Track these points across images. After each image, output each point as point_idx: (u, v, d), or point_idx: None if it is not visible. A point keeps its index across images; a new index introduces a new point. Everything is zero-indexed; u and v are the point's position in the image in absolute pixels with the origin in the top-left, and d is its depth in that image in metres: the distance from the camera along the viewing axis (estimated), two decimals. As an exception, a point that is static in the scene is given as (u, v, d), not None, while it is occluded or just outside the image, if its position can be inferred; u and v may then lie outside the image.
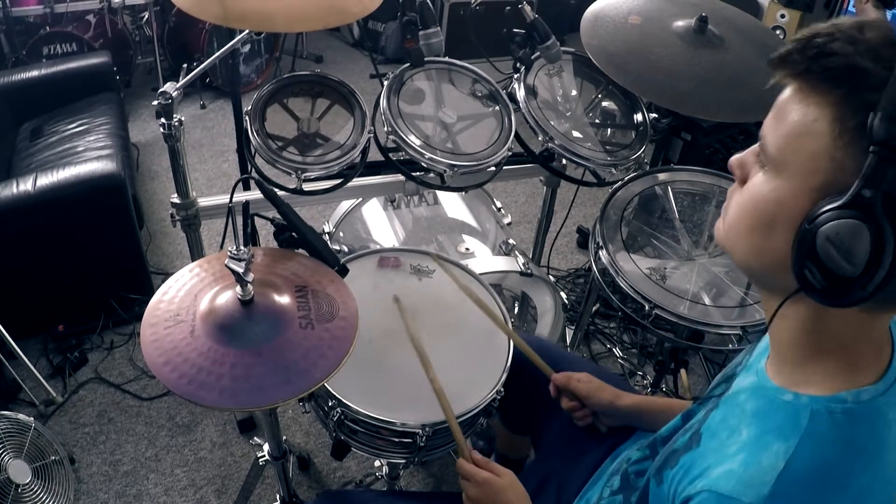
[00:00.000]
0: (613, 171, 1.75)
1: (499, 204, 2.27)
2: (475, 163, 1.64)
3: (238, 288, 1.18)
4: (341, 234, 2.12)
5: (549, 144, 1.71)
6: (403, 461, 1.47)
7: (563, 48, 1.79)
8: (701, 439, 0.81)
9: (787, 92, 0.71)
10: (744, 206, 0.76)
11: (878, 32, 0.65)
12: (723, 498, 0.71)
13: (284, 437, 1.72)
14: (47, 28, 3.52)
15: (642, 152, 1.80)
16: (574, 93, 1.87)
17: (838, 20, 0.68)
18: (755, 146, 0.77)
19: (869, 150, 0.62)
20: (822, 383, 0.73)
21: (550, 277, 2.35)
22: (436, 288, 1.65)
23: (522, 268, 1.87)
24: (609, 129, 1.87)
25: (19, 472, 1.78)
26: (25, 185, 2.22)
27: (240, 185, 1.35)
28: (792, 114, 0.69)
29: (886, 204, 0.62)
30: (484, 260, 1.92)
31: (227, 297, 1.21)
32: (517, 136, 1.75)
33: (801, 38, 0.69)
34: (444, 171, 1.61)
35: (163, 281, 1.27)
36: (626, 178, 1.83)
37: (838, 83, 0.65)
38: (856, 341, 0.74)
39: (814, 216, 0.66)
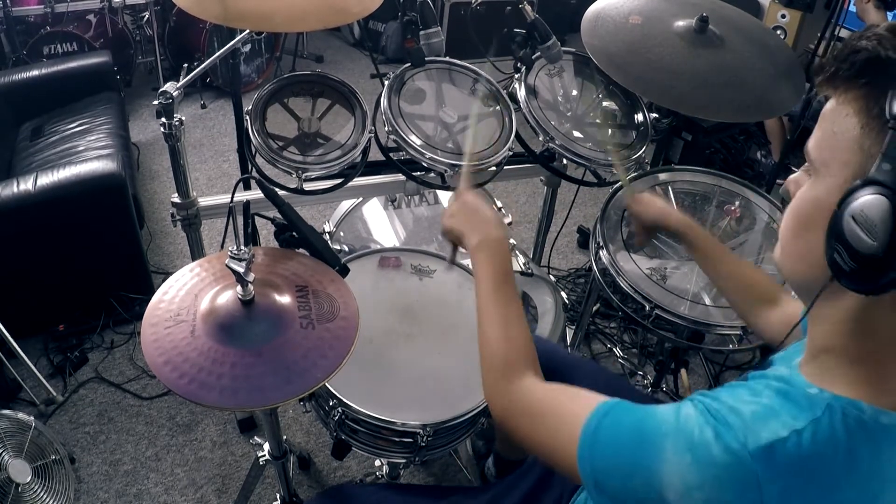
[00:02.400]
0: (614, 171, 1.75)
1: (499, 204, 2.27)
2: (476, 162, 1.64)
3: (239, 288, 1.18)
4: (342, 234, 2.12)
5: (550, 144, 1.71)
6: (404, 461, 1.47)
7: (563, 48, 1.79)
8: (720, 389, 0.81)
9: (828, 103, 0.73)
10: (788, 214, 0.78)
11: None
12: (721, 422, 0.72)
13: (285, 437, 1.72)
14: (48, 28, 3.52)
15: (643, 152, 1.80)
16: (575, 93, 1.87)
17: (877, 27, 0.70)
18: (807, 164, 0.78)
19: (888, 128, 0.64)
20: (846, 386, 0.73)
21: (551, 277, 2.35)
22: (436, 288, 1.65)
23: (523, 267, 1.87)
24: (610, 129, 1.87)
25: (19, 471, 1.78)
26: (26, 185, 2.22)
27: (240, 184, 1.36)
28: (828, 116, 0.72)
29: None
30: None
31: (227, 296, 1.21)
32: (518, 135, 1.75)
33: (840, 48, 0.72)
34: (445, 170, 1.61)
35: (163, 280, 1.27)
36: (628, 178, 1.83)
37: (862, 75, 0.67)
38: (891, 355, 0.72)
39: (841, 200, 0.67)
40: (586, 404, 0.84)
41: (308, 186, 1.63)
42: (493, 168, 1.69)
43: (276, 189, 1.46)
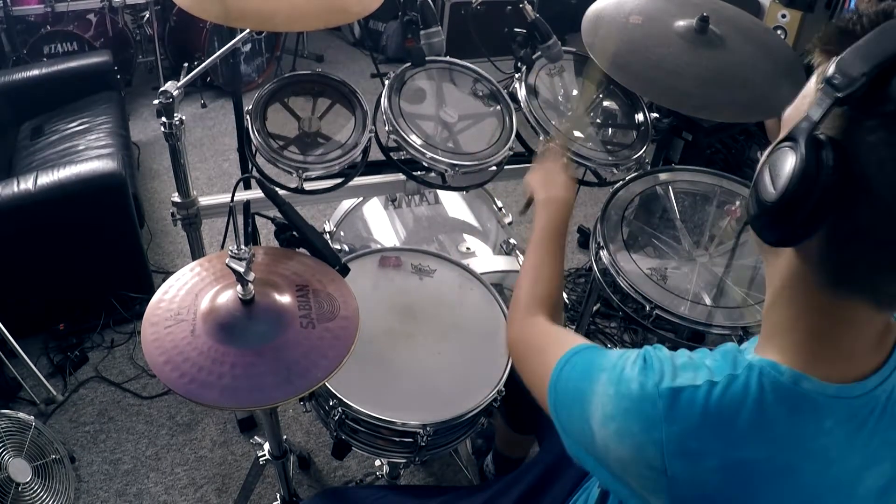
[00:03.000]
0: (614, 170, 1.75)
1: (500, 203, 2.27)
2: (476, 162, 1.64)
3: (239, 287, 1.18)
4: (342, 234, 2.12)
5: (551, 144, 1.71)
6: (404, 461, 1.47)
7: (564, 48, 1.79)
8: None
9: None
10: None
11: (889, 5, 0.67)
12: (650, 361, 0.77)
13: (285, 437, 1.72)
14: (48, 27, 3.51)
15: (643, 152, 1.80)
16: (575, 92, 1.87)
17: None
18: None
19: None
20: (775, 351, 0.75)
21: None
22: (437, 287, 1.65)
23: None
24: (610, 129, 1.87)
25: (20, 470, 1.78)
26: (26, 184, 2.22)
27: (241, 184, 1.36)
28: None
29: (816, 138, 0.64)
30: (485, 259, 1.92)
31: (227, 296, 1.21)
32: (518, 135, 1.74)
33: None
34: (445, 170, 1.61)
35: (163, 280, 1.27)
36: (628, 178, 1.83)
37: (830, 44, 0.69)
38: (822, 329, 0.72)
39: (769, 153, 0.70)
40: (569, 343, 0.91)
41: (308, 186, 1.63)
42: (494, 168, 1.69)
43: (277, 188, 1.46)
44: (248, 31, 1.63)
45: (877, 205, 0.62)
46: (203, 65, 1.61)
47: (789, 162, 0.65)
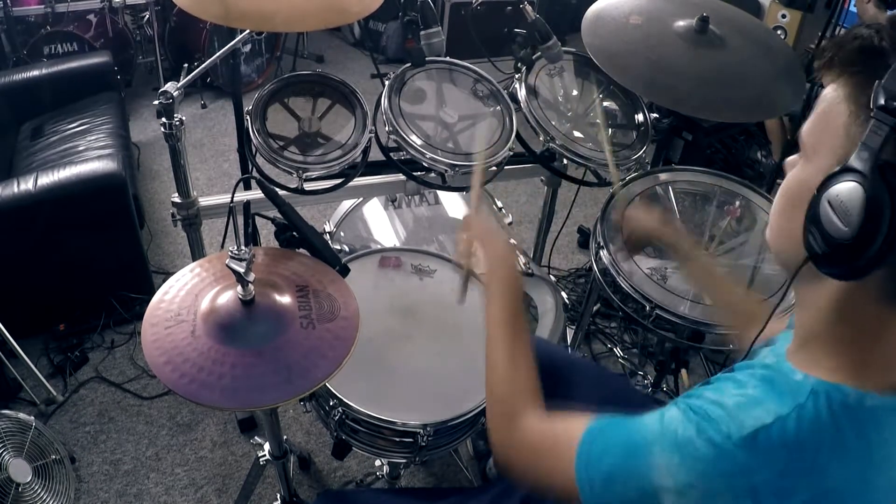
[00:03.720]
0: (610, 178, 1.75)
1: (500, 204, 2.27)
2: (476, 162, 1.64)
3: (239, 288, 1.18)
4: (342, 234, 2.12)
5: (550, 144, 1.71)
6: (404, 461, 1.47)
7: (564, 48, 1.79)
8: (708, 383, 0.82)
9: (825, 89, 0.74)
10: (779, 193, 0.79)
11: None
12: (705, 417, 0.73)
13: (285, 437, 1.72)
14: (48, 28, 3.51)
15: (643, 152, 1.80)
16: (575, 93, 1.87)
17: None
18: None
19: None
20: (831, 371, 0.74)
21: (551, 277, 2.35)
22: (437, 288, 1.65)
23: (523, 267, 1.86)
24: (610, 129, 1.87)
25: (20, 471, 1.78)
26: (26, 185, 2.22)
27: (241, 184, 1.36)
28: (823, 101, 0.73)
29: (882, 169, 0.63)
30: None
31: (227, 296, 1.21)
32: (518, 135, 1.75)
33: (841, 34, 0.73)
34: (445, 170, 1.61)
35: (164, 280, 1.27)
36: (628, 178, 1.83)
37: (855, 62, 0.68)
38: (875, 340, 0.73)
39: (821, 185, 0.68)
40: (577, 428, 0.85)
41: (308, 186, 1.63)
42: (494, 168, 1.69)
43: (277, 189, 1.46)
44: (248, 31, 1.63)
45: None
46: (203, 65, 1.61)
47: (857, 196, 0.64)
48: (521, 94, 1.76)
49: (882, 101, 0.63)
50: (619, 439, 0.80)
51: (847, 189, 0.65)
